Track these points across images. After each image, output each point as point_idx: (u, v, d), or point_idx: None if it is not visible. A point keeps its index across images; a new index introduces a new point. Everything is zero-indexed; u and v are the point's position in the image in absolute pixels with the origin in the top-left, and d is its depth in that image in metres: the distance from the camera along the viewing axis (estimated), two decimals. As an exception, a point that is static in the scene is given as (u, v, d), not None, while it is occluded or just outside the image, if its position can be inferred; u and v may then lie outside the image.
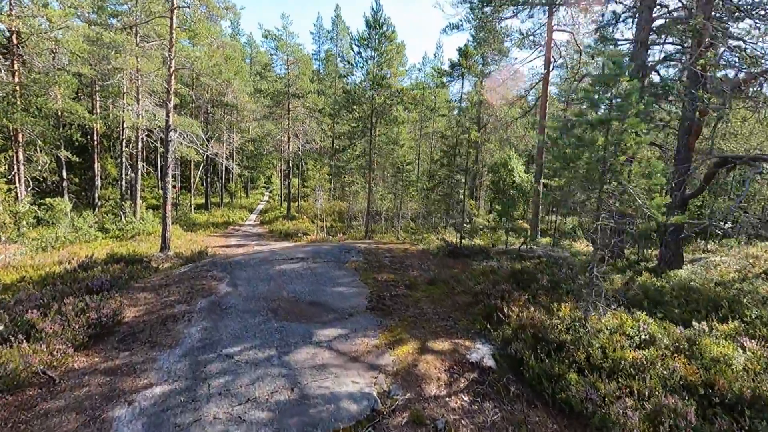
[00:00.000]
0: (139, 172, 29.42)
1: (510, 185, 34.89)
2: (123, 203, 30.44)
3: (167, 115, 20.87)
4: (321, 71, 53.86)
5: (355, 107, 22.29)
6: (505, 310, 8.27)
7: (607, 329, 7.52)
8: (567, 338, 7.29)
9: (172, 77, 20.57)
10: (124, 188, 33.10)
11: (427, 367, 7.01)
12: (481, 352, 7.52)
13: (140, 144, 29.10)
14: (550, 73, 24.59)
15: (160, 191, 45.91)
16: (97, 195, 38.14)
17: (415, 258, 14.47)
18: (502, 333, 7.95)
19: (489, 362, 7.27)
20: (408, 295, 10.56)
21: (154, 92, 31.46)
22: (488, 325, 8.28)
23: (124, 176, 33.23)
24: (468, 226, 32.62)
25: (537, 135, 24.67)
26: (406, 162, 23.29)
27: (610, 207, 7.63)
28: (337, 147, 23.09)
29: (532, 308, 8.38)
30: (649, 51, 17.10)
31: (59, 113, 30.36)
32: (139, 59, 26.70)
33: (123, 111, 30.27)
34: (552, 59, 24.68)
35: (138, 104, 28.18)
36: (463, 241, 16.49)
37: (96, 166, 38.62)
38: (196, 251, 22.54)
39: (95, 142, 38.27)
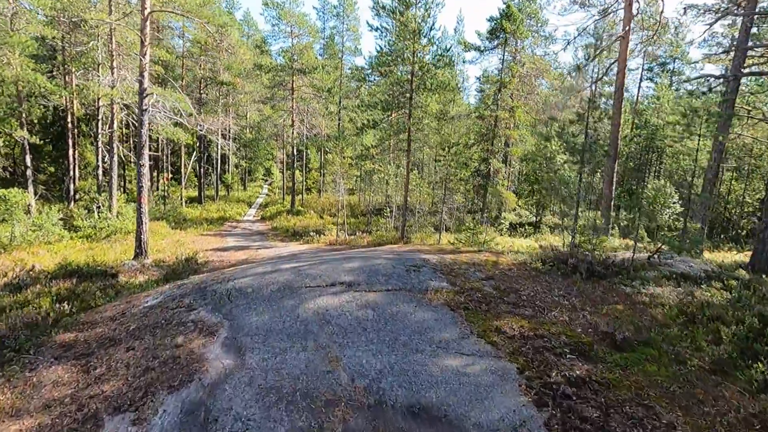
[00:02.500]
0: (116, 157, 23.19)
1: (549, 175, 29.22)
2: (97, 196, 24.22)
3: (141, 75, 14.77)
4: (323, 54, 47.51)
5: (391, 66, 16.33)
6: None
7: None
8: None
9: (147, 22, 14.45)
10: (101, 178, 26.82)
11: None
12: None
13: (116, 123, 22.83)
14: (630, 32, 18.81)
15: (152, 182, 39.48)
16: (72, 187, 31.78)
17: (527, 280, 8.68)
18: None
19: None
20: (607, 384, 4.79)
21: (134, 67, 25.14)
22: None
23: (101, 164, 26.90)
24: (504, 222, 26.92)
25: (612, 108, 18.96)
26: (454, 143, 17.51)
27: None
28: (365, 122, 17.12)
29: None
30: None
31: (17, 86, 23.97)
32: (112, 11, 20.45)
33: (99, 83, 23.88)
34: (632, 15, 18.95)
35: (113, 74, 21.94)
36: (578, 249, 10.71)
37: (72, 153, 32.18)
38: (183, 258, 16.55)
39: (71, 125, 31.84)
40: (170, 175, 43.22)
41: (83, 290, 11.73)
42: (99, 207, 23.18)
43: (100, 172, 26.92)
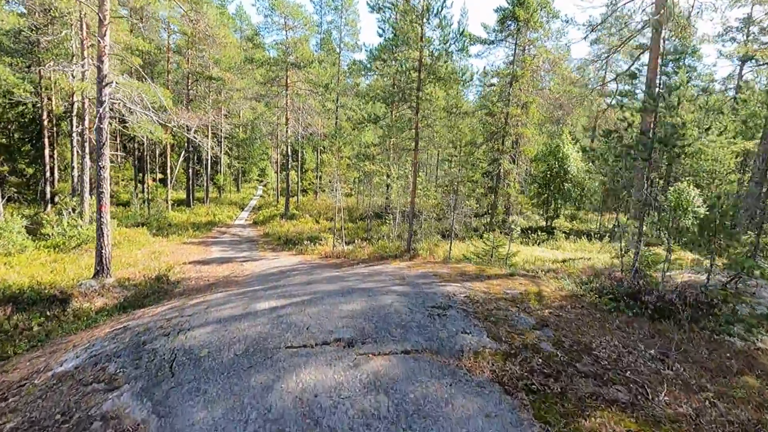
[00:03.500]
0: (87, 157, 20.57)
1: (563, 177, 26.81)
2: (68, 200, 21.56)
3: (99, 61, 12.23)
4: (320, 50, 44.90)
5: (396, 53, 13.85)
6: None
7: None
8: None
9: (106, -5, 11.89)
10: (76, 180, 24.17)
11: None
12: None
13: (87, 118, 20.18)
14: (663, 15, 16.40)
15: (138, 183, 36.80)
16: (49, 189, 29.16)
17: (592, 326, 6.23)
18: None
19: None
20: None
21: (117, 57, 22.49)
22: None
23: (76, 164, 24.28)
24: (515, 228, 24.45)
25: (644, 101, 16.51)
26: (468, 140, 15.09)
27: None
28: (365, 117, 14.60)
29: None
30: None
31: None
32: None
33: (71, 75, 21.11)
34: (666, -4, 16.54)
35: (84, 66, 19.30)
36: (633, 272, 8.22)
37: (48, 153, 29.59)
38: (154, 275, 13.99)
39: (47, 122, 29.25)
40: (158, 176, 40.55)
41: (13, 327, 9.18)
42: (70, 212, 20.55)
43: (75, 173, 24.29)
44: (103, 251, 12.90)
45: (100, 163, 12.61)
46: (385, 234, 18.89)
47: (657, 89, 15.74)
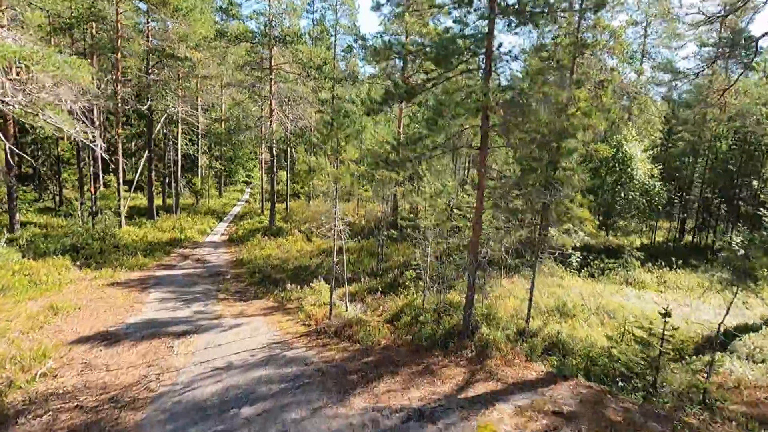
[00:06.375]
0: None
1: (626, 184, 19.94)
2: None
3: None
4: (311, 35, 37.47)
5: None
6: None
7: None
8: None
9: None
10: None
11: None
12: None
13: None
14: None
15: (91, 187, 29.04)
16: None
17: None
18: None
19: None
20: None
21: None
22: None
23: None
24: (574, 255, 17.50)
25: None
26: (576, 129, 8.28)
27: None
28: (389, 89, 7.60)
29: None
30: None
31: None
32: None
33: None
34: None
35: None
36: None
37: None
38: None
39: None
40: (121, 181, 33.01)
41: None
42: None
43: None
44: None
45: None
46: (398, 263, 11.89)
47: None
